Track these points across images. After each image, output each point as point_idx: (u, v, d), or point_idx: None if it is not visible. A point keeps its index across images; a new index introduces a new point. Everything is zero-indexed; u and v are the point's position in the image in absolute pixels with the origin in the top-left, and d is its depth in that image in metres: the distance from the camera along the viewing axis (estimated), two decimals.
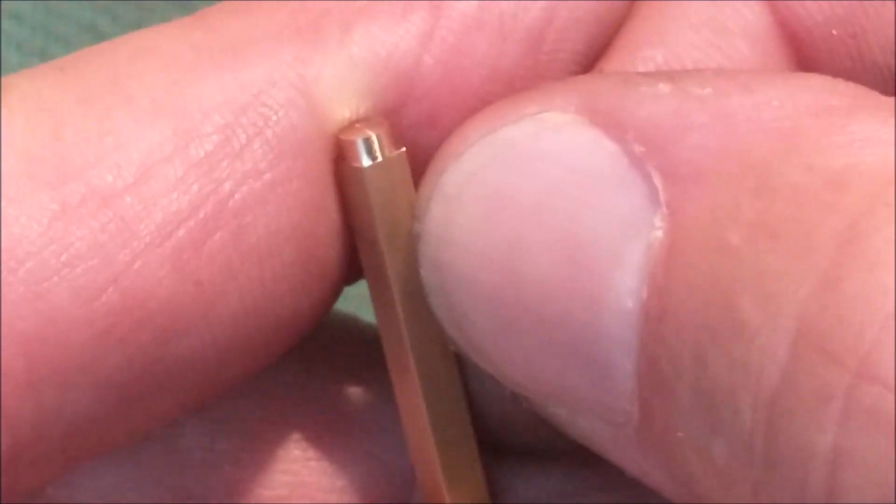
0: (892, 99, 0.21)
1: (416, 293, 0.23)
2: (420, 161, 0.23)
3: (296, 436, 0.26)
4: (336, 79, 0.23)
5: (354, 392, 0.26)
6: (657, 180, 0.21)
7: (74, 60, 0.23)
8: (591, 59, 0.24)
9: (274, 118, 0.22)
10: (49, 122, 0.22)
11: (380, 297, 0.24)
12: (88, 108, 0.22)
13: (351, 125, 0.23)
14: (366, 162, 0.23)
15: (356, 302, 0.26)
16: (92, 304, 0.21)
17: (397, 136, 0.23)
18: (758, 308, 0.19)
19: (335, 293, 0.24)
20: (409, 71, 0.23)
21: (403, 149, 0.23)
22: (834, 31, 0.24)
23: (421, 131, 0.23)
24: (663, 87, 0.21)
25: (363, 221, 0.23)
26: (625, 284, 0.21)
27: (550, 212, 0.21)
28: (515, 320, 0.22)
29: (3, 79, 0.22)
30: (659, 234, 0.20)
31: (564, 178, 0.21)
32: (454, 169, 0.22)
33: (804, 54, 0.25)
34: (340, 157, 0.23)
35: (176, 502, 0.26)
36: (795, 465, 0.19)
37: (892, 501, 0.18)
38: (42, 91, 0.22)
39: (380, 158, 0.23)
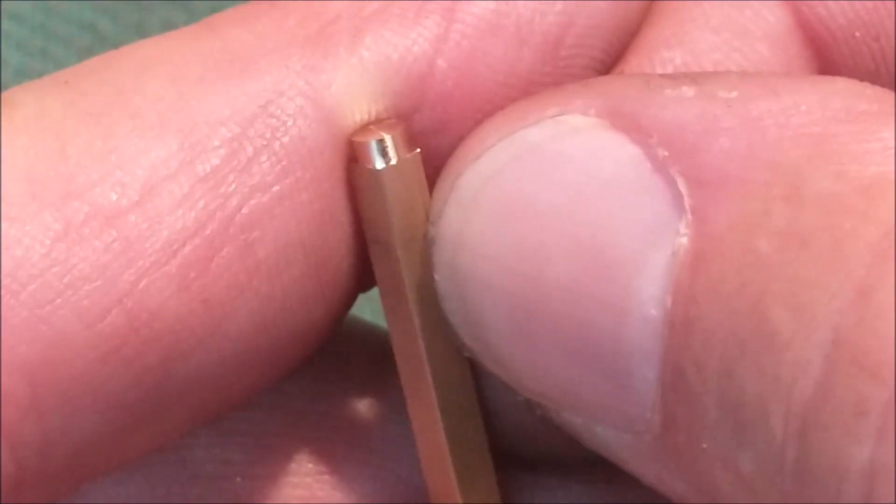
0: None
1: (432, 298, 0.23)
2: (434, 166, 0.23)
3: (308, 448, 0.26)
4: (347, 85, 0.22)
5: (368, 404, 0.26)
6: (682, 186, 0.20)
7: (78, 73, 0.22)
8: (608, 64, 0.24)
9: (282, 129, 0.22)
10: (53, 140, 0.21)
11: (393, 302, 0.24)
12: (93, 125, 0.21)
13: (365, 127, 0.23)
14: (379, 164, 0.22)
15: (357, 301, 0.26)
16: (96, 326, 0.21)
17: (412, 138, 0.23)
18: (790, 318, 0.19)
19: (348, 303, 0.24)
20: (422, 75, 0.23)
21: (418, 150, 0.23)
22: (857, 34, 0.24)
23: (435, 136, 0.23)
24: (687, 90, 0.21)
25: (376, 225, 0.23)
26: (648, 292, 0.20)
27: (571, 217, 0.21)
28: (534, 327, 0.21)
29: (5, 94, 0.22)
30: (684, 240, 0.20)
31: (585, 183, 0.21)
32: (471, 171, 0.22)
33: (826, 57, 0.24)
34: (354, 159, 0.23)
35: None
36: (829, 479, 0.18)
37: None
38: (46, 107, 0.22)
39: (394, 161, 0.22)
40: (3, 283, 0.20)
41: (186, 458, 0.25)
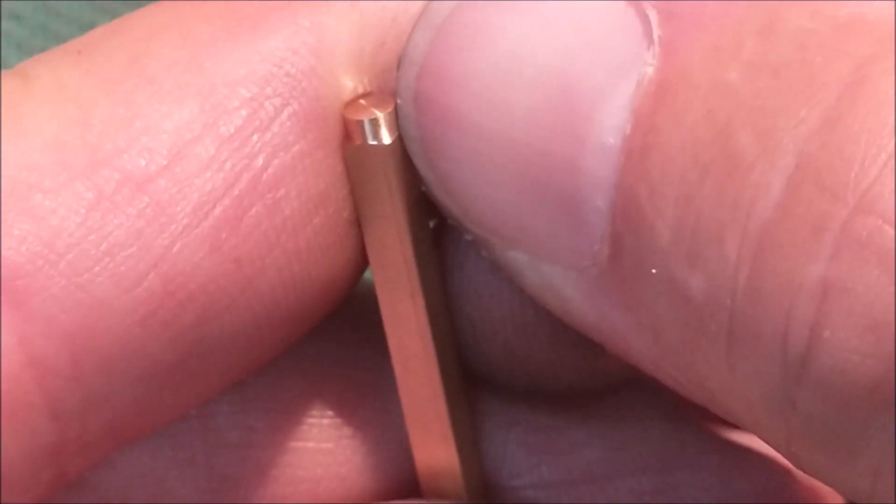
0: None
1: (394, 269, 0.23)
2: None
3: (329, 414, 0.26)
4: (349, 44, 0.22)
5: (387, 367, 0.26)
6: (653, 17, 0.20)
7: (90, 43, 0.22)
8: None
9: (298, 88, 0.22)
10: (75, 110, 0.21)
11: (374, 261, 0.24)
12: (112, 92, 0.21)
13: (355, 101, 0.23)
14: (371, 141, 0.22)
15: None
16: (134, 291, 0.21)
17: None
18: (755, 143, 0.19)
19: (366, 256, 0.24)
20: None
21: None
22: None
23: None
24: None
25: (362, 197, 0.23)
26: (609, 121, 0.20)
27: (540, 47, 0.21)
28: (491, 154, 0.21)
29: (18, 67, 0.22)
30: (649, 70, 0.20)
31: (557, 13, 0.21)
32: None
33: None
34: (345, 135, 0.23)
35: (211, 482, 0.25)
36: (781, 296, 0.19)
37: (878, 332, 0.18)
38: (62, 77, 0.22)
39: (385, 140, 0.22)
40: (41, 253, 0.21)
41: (210, 426, 0.25)
